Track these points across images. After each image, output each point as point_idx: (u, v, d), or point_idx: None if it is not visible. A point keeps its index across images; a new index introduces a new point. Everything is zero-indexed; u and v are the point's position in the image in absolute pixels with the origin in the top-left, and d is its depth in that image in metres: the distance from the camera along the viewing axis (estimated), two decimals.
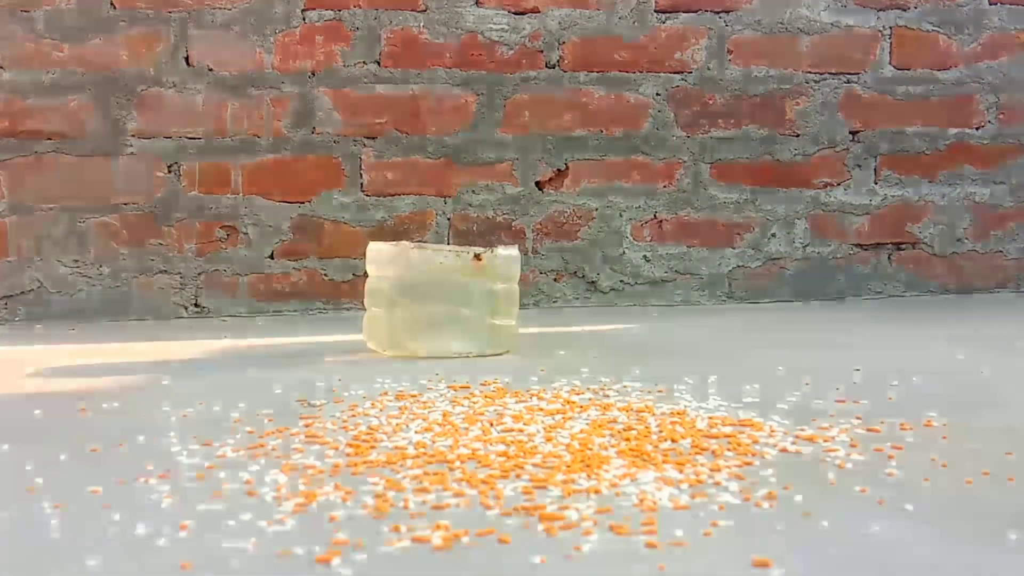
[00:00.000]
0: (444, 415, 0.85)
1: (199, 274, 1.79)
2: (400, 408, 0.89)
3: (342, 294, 1.83)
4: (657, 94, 1.89)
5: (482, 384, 1.02)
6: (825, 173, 1.95)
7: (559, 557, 0.51)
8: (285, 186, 1.80)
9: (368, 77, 1.81)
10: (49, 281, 1.75)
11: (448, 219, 1.85)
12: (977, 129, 2.00)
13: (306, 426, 0.82)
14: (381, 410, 0.89)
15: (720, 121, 1.91)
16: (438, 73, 1.83)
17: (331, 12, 1.79)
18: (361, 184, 1.82)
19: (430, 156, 1.84)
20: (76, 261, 1.75)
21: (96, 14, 1.73)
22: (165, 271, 1.78)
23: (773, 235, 1.94)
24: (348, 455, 0.72)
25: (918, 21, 1.96)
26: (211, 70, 1.77)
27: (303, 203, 1.81)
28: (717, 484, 0.63)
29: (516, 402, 0.91)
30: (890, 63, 1.96)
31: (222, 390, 1.01)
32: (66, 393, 0.99)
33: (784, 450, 0.72)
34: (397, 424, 0.82)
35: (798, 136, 1.94)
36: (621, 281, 1.91)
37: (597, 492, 0.61)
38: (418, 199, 1.84)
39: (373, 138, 1.82)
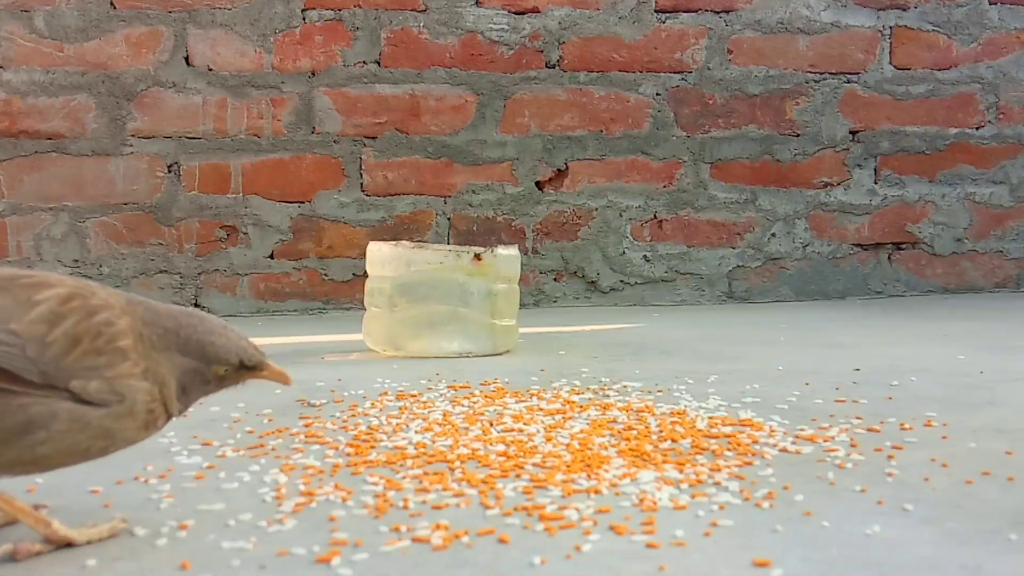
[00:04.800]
0: (444, 415, 0.85)
1: (199, 274, 1.79)
2: (400, 408, 0.89)
3: (342, 294, 1.83)
4: (657, 94, 1.89)
5: (482, 384, 1.02)
6: (825, 173, 1.95)
7: (559, 557, 0.51)
8: (285, 186, 1.80)
9: (368, 77, 1.81)
10: None
11: (448, 219, 1.85)
12: (977, 129, 2.00)
13: (306, 426, 0.82)
14: (381, 410, 0.89)
15: (720, 121, 1.91)
16: (438, 73, 1.83)
17: (331, 12, 1.79)
18: (361, 184, 1.82)
19: (430, 156, 1.84)
20: (76, 261, 1.75)
21: (96, 14, 1.73)
22: (165, 271, 1.78)
23: (773, 235, 1.94)
24: (348, 455, 0.72)
25: (918, 21, 1.96)
26: (211, 70, 1.77)
27: (303, 203, 1.81)
28: (717, 484, 0.63)
29: (516, 402, 0.91)
30: (890, 63, 1.96)
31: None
32: None
33: (784, 450, 0.72)
34: (397, 424, 0.82)
35: (798, 136, 1.94)
36: (621, 281, 1.91)
37: (597, 492, 0.61)
38: (418, 199, 1.84)
39: (373, 138, 1.82)
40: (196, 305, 1.79)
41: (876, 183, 1.97)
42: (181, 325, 0.55)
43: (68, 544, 0.53)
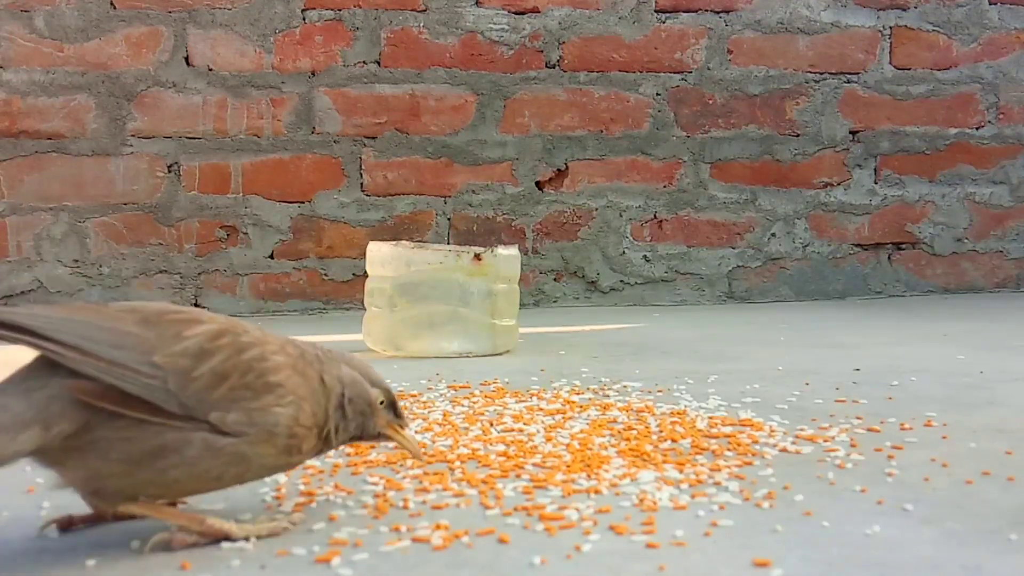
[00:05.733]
0: (444, 415, 0.85)
1: (199, 274, 1.79)
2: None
3: (342, 294, 1.83)
4: (657, 94, 1.89)
5: (482, 384, 1.02)
6: (825, 173, 1.95)
7: (559, 557, 0.51)
8: (285, 186, 1.80)
9: (368, 77, 1.81)
10: (49, 281, 1.75)
11: (448, 219, 1.85)
12: (977, 129, 2.00)
13: None
14: None
15: (720, 121, 1.91)
16: (438, 73, 1.83)
17: (331, 12, 1.79)
18: (361, 184, 1.82)
19: (430, 156, 1.84)
20: (76, 261, 1.75)
21: (96, 14, 1.74)
22: (165, 271, 1.78)
23: (773, 235, 1.94)
24: (348, 455, 0.72)
25: (918, 21, 1.96)
26: (211, 70, 1.77)
27: (303, 203, 1.81)
28: (717, 484, 0.63)
29: (516, 402, 0.91)
30: (890, 63, 1.96)
31: None
32: None
33: (784, 450, 0.72)
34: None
35: (798, 136, 1.94)
36: (621, 281, 1.91)
37: (597, 492, 0.61)
38: (418, 199, 1.84)
39: (373, 138, 1.82)
40: (196, 305, 1.79)
41: (876, 183, 1.97)
42: (342, 351, 0.58)
43: (226, 537, 0.52)
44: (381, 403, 0.58)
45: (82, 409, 0.48)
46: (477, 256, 1.23)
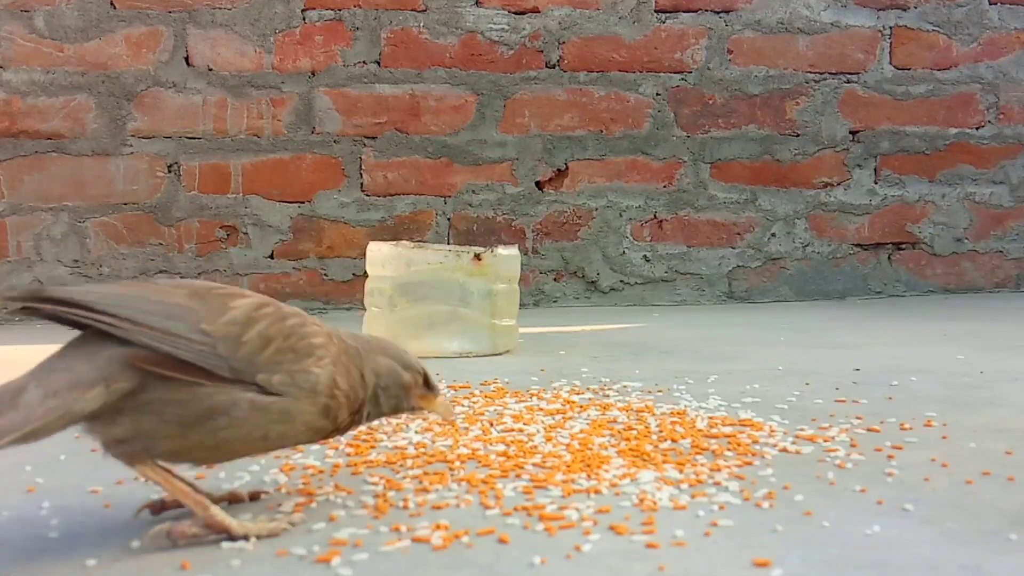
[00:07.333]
0: None
1: (199, 274, 1.79)
2: None
3: (342, 294, 1.83)
4: (657, 94, 1.89)
5: (482, 384, 1.02)
6: (825, 173, 1.95)
7: (559, 557, 0.51)
8: (285, 186, 1.80)
9: (368, 77, 1.81)
10: (49, 281, 1.75)
11: (448, 219, 1.85)
12: (977, 129, 2.00)
13: None
14: None
15: (720, 121, 1.91)
16: (438, 73, 1.83)
17: (331, 12, 1.79)
18: (361, 184, 1.82)
19: (430, 156, 1.84)
20: (76, 261, 1.75)
21: (96, 14, 1.73)
22: (165, 271, 1.78)
23: (773, 235, 1.94)
24: (348, 455, 0.72)
25: (918, 21, 1.96)
26: (211, 70, 1.77)
27: (303, 203, 1.81)
28: (717, 484, 0.63)
29: (516, 402, 0.91)
30: (890, 63, 1.96)
31: None
32: None
33: (784, 450, 0.72)
34: (397, 424, 0.82)
35: (798, 136, 1.94)
36: (621, 281, 1.91)
37: (597, 492, 0.61)
38: (418, 199, 1.84)
39: (373, 138, 1.82)
40: None
41: (876, 183, 1.97)
42: (380, 339, 0.63)
43: (225, 532, 0.53)
44: (415, 379, 0.62)
45: (138, 370, 0.52)
46: (477, 256, 1.23)
